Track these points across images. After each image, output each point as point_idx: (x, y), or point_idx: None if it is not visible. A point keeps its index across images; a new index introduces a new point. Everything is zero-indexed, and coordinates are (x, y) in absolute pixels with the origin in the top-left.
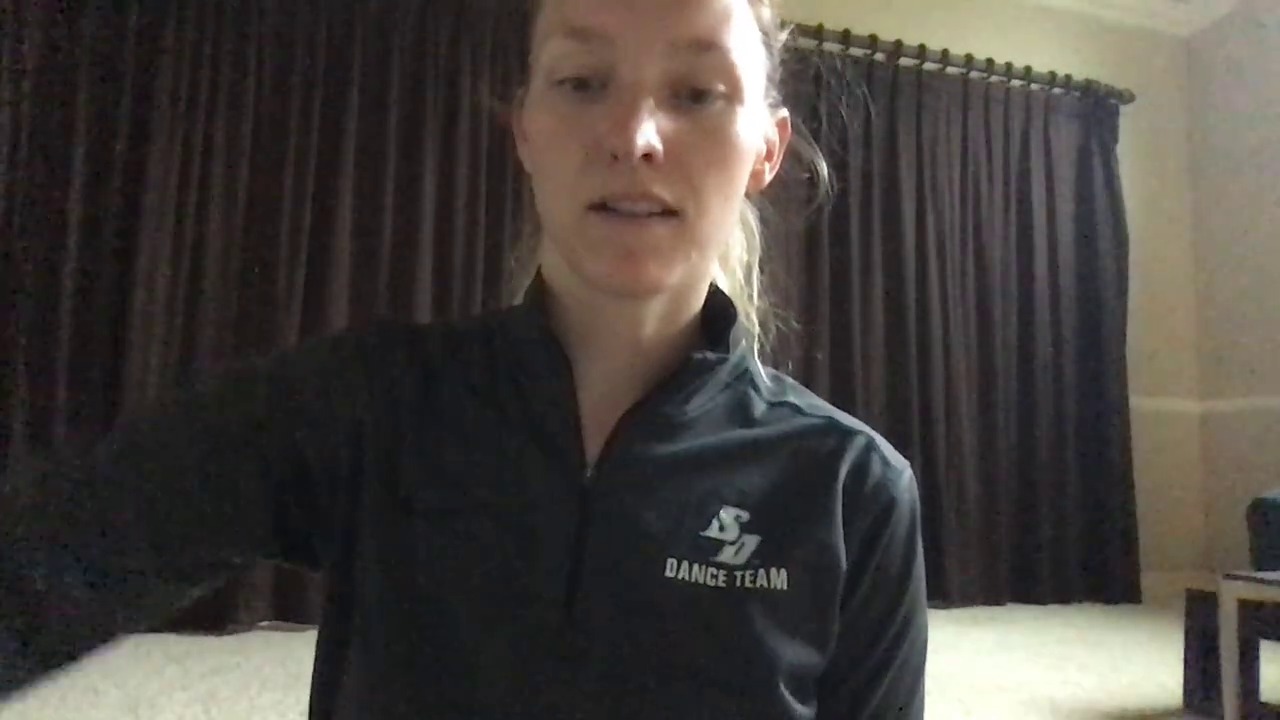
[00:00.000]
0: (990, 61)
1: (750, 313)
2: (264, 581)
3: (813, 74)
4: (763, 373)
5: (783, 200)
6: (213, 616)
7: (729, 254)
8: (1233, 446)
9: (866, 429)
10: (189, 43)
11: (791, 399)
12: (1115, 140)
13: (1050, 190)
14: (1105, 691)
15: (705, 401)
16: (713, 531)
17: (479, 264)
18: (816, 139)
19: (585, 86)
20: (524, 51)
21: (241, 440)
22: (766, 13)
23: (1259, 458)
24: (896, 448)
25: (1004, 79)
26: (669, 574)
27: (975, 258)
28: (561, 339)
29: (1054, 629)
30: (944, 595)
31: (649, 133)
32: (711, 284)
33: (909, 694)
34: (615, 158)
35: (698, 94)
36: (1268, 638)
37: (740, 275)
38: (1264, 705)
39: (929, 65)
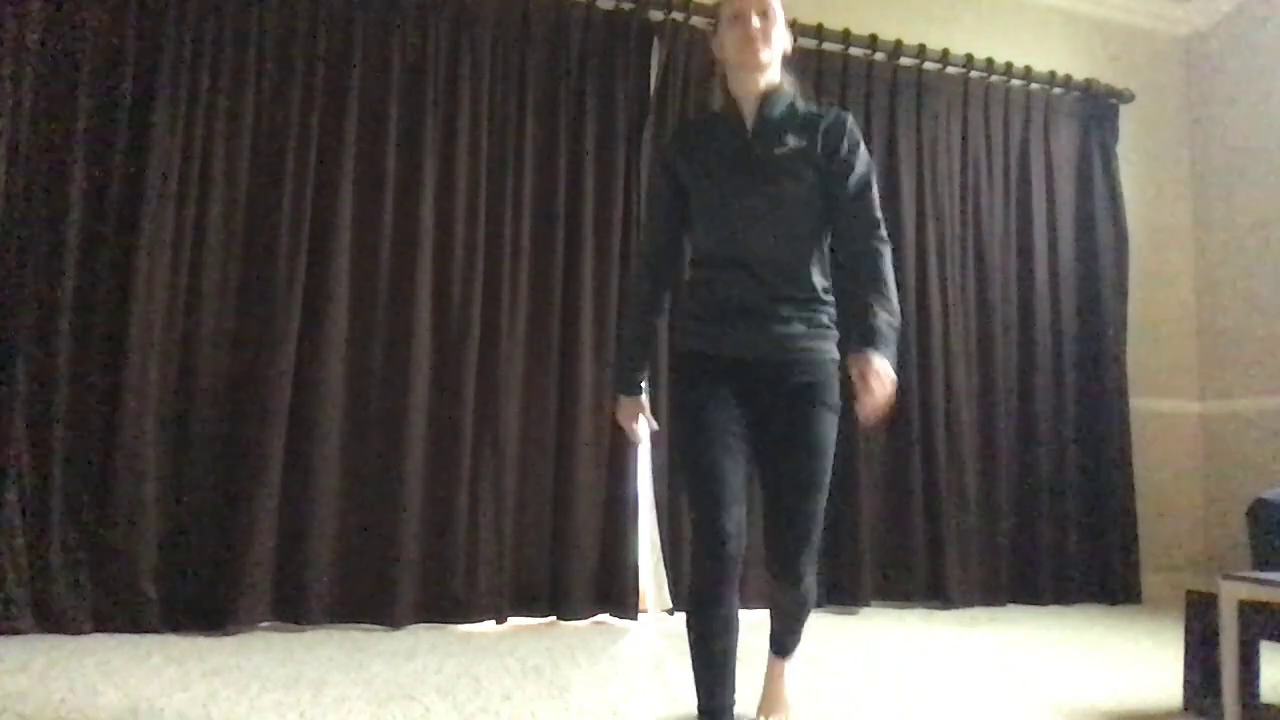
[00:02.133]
0: (990, 61)
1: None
2: (264, 582)
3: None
4: (804, 101)
5: None
6: (213, 616)
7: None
8: (1233, 446)
9: (839, 112)
10: (189, 42)
11: (812, 109)
12: (1115, 140)
13: (1050, 190)
14: (1105, 691)
15: (782, 108)
16: (788, 144)
17: (479, 262)
18: None
19: (736, 18)
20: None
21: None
22: None
23: (1259, 458)
24: (897, 446)
25: (1004, 79)
26: (777, 152)
27: (975, 258)
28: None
29: (1054, 629)
30: (944, 596)
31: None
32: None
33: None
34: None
35: (765, 14)
36: (1268, 638)
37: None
38: (1264, 705)
39: (929, 65)
